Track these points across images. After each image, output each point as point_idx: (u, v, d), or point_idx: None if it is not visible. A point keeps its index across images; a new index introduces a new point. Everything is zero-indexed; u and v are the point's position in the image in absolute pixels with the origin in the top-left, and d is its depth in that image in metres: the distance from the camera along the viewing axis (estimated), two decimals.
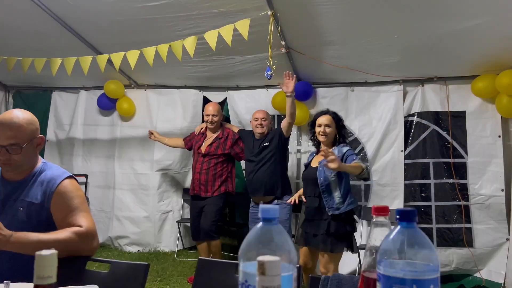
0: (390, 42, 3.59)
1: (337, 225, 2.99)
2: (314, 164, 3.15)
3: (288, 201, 3.54)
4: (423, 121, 4.24)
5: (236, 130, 4.24)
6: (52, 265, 0.68)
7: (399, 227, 0.74)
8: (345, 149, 3.03)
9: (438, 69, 4.08)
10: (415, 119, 4.27)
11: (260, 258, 0.61)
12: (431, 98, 4.22)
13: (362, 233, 4.21)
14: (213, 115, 4.09)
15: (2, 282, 1.17)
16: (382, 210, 0.85)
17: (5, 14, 3.69)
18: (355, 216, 3.17)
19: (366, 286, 0.82)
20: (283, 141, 3.83)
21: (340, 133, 3.14)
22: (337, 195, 2.99)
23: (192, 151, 4.26)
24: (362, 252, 4.04)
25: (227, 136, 4.12)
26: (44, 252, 0.67)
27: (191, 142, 4.32)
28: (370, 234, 0.86)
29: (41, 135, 1.69)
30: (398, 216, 0.74)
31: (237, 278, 1.82)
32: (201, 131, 4.24)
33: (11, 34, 3.99)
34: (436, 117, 4.20)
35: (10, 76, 4.96)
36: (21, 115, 1.61)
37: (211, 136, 4.14)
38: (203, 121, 4.41)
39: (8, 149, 1.55)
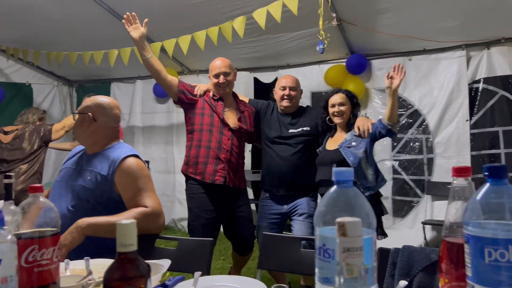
0: (450, 4, 3.35)
1: None
2: (330, 147, 2.76)
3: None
4: (490, 87, 3.95)
5: (246, 101, 3.05)
6: (132, 233, 0.70)
7: (488, 184, 0.68)
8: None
9: (505, 30, 3.75)
10: (480, 85, 3.98)
11: (340, 219, 0.58)
12: (498, 62, 3.91)
13: (426, 208, 4.04)
14: (225, 73, 2.71)
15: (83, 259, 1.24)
16: (463, 171, 0.78)
17: (60, 10, 3.86)
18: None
19: (450, 251, 0.77)
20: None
21: (353, 113, 2.76)
22: (369, 172, 2.63)
23: (204, 116, 2.73)
24: (427, 227, 3.90)
25: (248, 110, 2.93)
26: (124, 221, 0.69)
27: (191, 98, 2.75)
28: (448, 208, 0.79)
29: (89, 113, 1.78)
30: (486, 173, 0.68)
31: (302, 253, 1.80)
32: (212, 96, 2.78)
33: (66, 29, 4.17)
34: (505, 81, 3.89)
35: (72, 71, 5.23)
36: (98, 96, 1.88)
37: (231, 107, 2.83)
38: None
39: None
